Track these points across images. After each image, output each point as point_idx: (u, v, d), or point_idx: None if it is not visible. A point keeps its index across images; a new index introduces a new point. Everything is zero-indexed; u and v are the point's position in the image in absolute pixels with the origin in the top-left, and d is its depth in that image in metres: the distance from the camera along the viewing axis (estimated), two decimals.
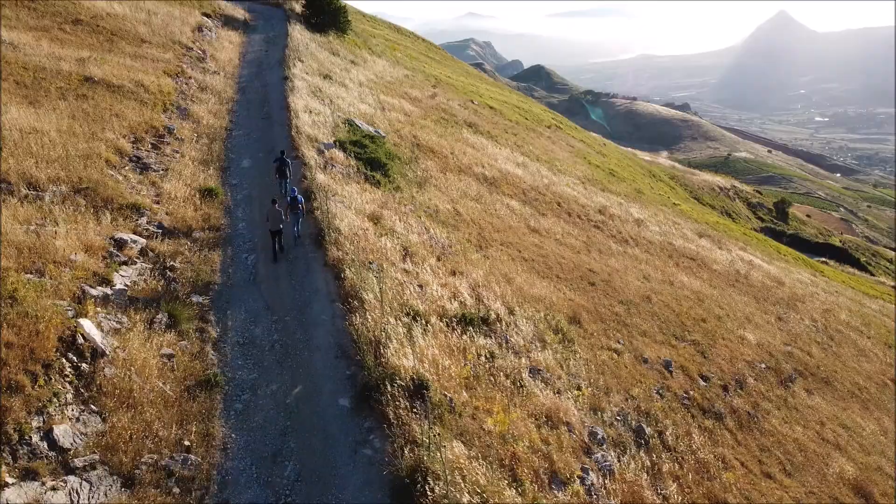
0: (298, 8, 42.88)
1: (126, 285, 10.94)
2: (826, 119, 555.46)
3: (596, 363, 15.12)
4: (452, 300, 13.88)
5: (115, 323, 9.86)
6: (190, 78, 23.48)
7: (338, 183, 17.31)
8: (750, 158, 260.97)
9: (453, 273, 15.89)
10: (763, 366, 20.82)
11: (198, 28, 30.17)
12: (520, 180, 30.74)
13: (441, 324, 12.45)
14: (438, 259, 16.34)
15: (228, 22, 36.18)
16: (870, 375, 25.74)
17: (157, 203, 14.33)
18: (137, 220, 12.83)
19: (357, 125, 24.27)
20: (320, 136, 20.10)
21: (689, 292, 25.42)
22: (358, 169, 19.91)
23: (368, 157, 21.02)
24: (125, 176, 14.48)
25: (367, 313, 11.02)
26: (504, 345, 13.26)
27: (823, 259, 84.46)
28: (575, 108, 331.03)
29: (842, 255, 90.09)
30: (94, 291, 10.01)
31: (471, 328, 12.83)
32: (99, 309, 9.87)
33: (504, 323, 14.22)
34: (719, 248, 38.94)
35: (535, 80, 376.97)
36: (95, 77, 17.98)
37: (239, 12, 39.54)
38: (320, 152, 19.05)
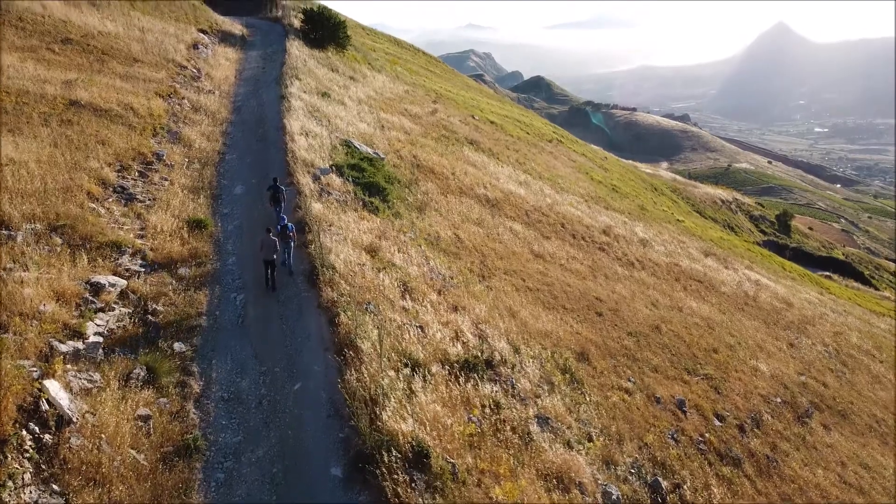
0: (297, 23, 42.30)
1: (102, 335, 10.09)
2: (825, 129, 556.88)
3: (607, 406, 14.25)
4: (455, 342, 13.03)
5: (86, 381, 9.00)
6: (183, 98, 22.74)
7: (334, 212, 16.50)
8: (750, 169, 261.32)
9: (455, 308, 15.05)
10: (779, 400, 19.92)
11: (193, 45, 29.49)
12: (522, 201, 29.95)
13: (443, 371, 11.59)
14: (439, 293, 15.50)
15: (225, 38, 35.56)
16: (886, 405, 24.84)
17: (142, 237, 13.52)
18: (118, 258, 12.00)
19: (355, 147, 23.51)
20: (316, 160, 19.31)
21: (699, 319, 24.56)
22: (355, 194, 19.11)
23: (367, 181, 20.23)
24: (108, 209, 13.67)
25: (363, 366, 10.16)
26: (510, 391, 12.39)
27: (827, 273, 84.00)
28: (575, 118, 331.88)
29: (846, 269, 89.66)
30: (63, 347, 9.16)
31: (475, 375, 11.97)
32: (69, 366, 9.02)
33: (509, 365, 13.37)
34: (726, 268, 38.12)
35: (535, 91, 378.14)
36: (82, 101, 17.22)
37: (236, 28, 38.94)
38: (316, 178, 18.25)
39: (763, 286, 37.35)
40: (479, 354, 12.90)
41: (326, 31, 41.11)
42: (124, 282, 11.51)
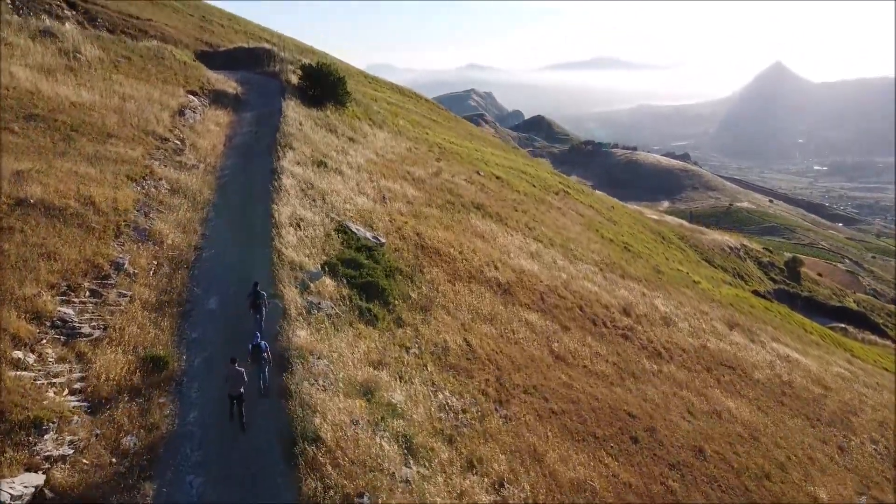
0: (295, 79, 40.35)
1: None
2: (825, 168, 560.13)
3: None
4: None
5: None
6: (160, 179, 20.28)
7: (323, 338, 13.78)
8: (752, 209, 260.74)
9: (470, 465, 12.23)
10: None
11: (179, 111, 27.24)
12: (536, 280, 27.28)
13: None
14: (450, 441, 12.69)
15: (217, 98, 33.45)
16: None
17: (81, 390, 10.79)
18: (37, 443, 9.26)
19: (352, 232, 20.95)
20: (306, 261, 16.69)
21: (741, 427, 21.63)
22: (351, 301, 16.43)
23: (364, 281, 17.58)
24: (40, 354, 10.99)
25: None
26: None
27: (843, 325, 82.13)
28: (576, 157, 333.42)
29: (860, 320, 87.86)
30: None
31: None
32: None
33: None
34: (752, 342, 35.36)
35: (537, 130, 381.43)
36: (32, 198, 14.72)
37: (230, 86, 36.92)
38: (305, 287, 15.60)
39: (794, 362, 34.58)
40: None
41: (325, 88, 39.08)
42: (40, 479, 8.73)
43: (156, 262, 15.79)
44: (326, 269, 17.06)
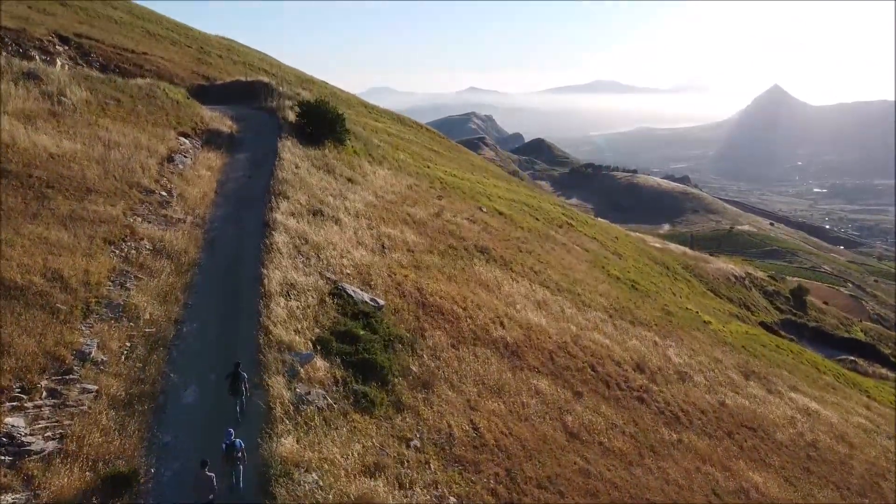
0: (292, 116, 39.13)
1: None
2: (824, 190, 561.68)
3: None
4: None
5: None
6: (142, 239, 18.79)
7: (313, 441, 12.14)
8: (753, 232, 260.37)
9: None
10: None
11: (168, 157, 25.84)
12: (545, 336, 25.66)
13: None
14: None
15: (211, 139, 32.13)
16: None
17: None
18: None
19: (349, 295, 19.39)
20: (297, 339, 15.09)
21: None
22: (346, 386, 14.83)
23: (360, 358, 16.00)
24: None
25: None
26: None
27: (852, 358, 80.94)
28: (576, 180, 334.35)
29: (869, 352, 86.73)
30: None
31: None
32: None
33: None
34: (770, 393, 33.76)
35: (537, 153, 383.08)
36: None
37: (225, 124, 35.65)
38: (294, 374, 14.00)
39: (814, 415, 32.96)
40: None
41: (323, 126, 37.84)
42: None
43: (129, 345, 14.20)
44: (319, 347, 15.47)
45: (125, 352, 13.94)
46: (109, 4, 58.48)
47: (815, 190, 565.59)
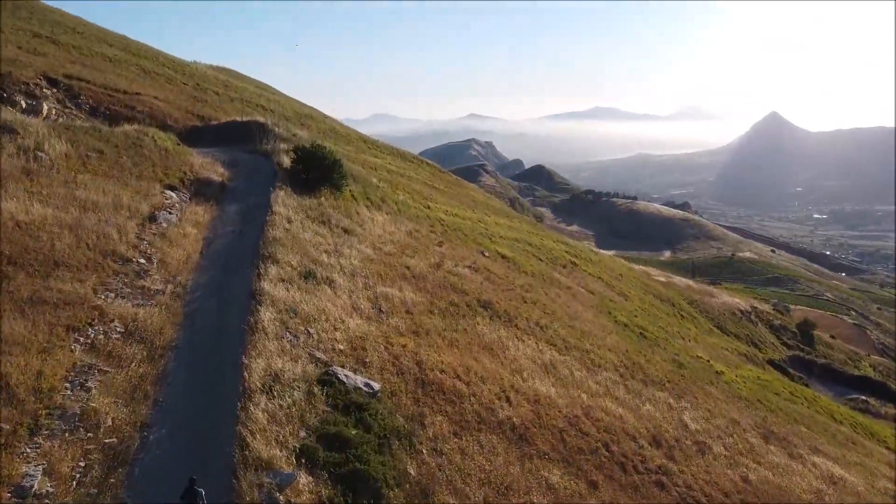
0: (288, 161, 37.65)
1: None
2: (824, 216, 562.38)
3: None
4: None
5: None
6: (112, 321, 16.97)
7: None
8: (754, 259, 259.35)
9: None
10: None
11: (151, 216, 24.12)
12: (554, 410, 23.71)
13: None
14: None
15: (200, 190, 30.52)
16: None
17: None
18: None
19: (339, 381, 17.52)
20: (277, 454, 13.16)
21: None
22: None
23: (351, 469, 14.06)
24: None
25: None
26: None
27: (864, 398, 79.38)
28: (577, 207, 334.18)
29: (880, 391, 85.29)
30: None
31: None
32: None
33: None
34: (792, 458, 31.72)
35: (537, 179, 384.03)
36: None
37: (217, 171, 34.09)
38: (272, 501, 12.06)
39: (840, 483, 30.89)
40: None
41: (320, 172, 36.31)
42: None
43: (84, 464, 12.28)
44: (303, 459, 13.53)
45: (78, 474, 12.02)
46: (105, 41, 57.54)
47: (815, 216, 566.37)
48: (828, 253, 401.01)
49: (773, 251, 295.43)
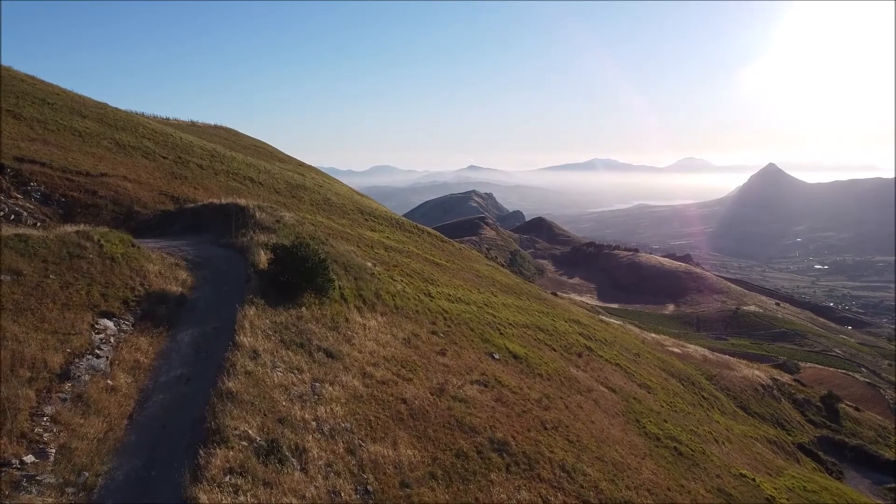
0: (264, 260, 32.15)
1: None
2: (826, 267, 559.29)
3: None
4: None
5: None
6: None
7: None
8: (760, 312, 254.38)
9: None
10: None
11: (64, 371, 18.35)
12: None
13: None
14: None
15: (151, 310, 24.71)
16: None
17: None
18: None
19: None
20: None
21: None
22: None
23: None
24: None
25: None
26: None
27: None
28: (578, 259, 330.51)
29: None
30: None
31: None
32: None
33: None
34: None
35: (537, 231, 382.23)
36: None
37: (178, 278, 28.41)
38: None
39: None
40: None
41: (301, 275, 30.69)
42: None
43: None
44: None
45: None
46: (78, 112, 52.98)
47: (817, 266, 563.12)
48: (832, 305, 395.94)
49: (777, 304, 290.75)
